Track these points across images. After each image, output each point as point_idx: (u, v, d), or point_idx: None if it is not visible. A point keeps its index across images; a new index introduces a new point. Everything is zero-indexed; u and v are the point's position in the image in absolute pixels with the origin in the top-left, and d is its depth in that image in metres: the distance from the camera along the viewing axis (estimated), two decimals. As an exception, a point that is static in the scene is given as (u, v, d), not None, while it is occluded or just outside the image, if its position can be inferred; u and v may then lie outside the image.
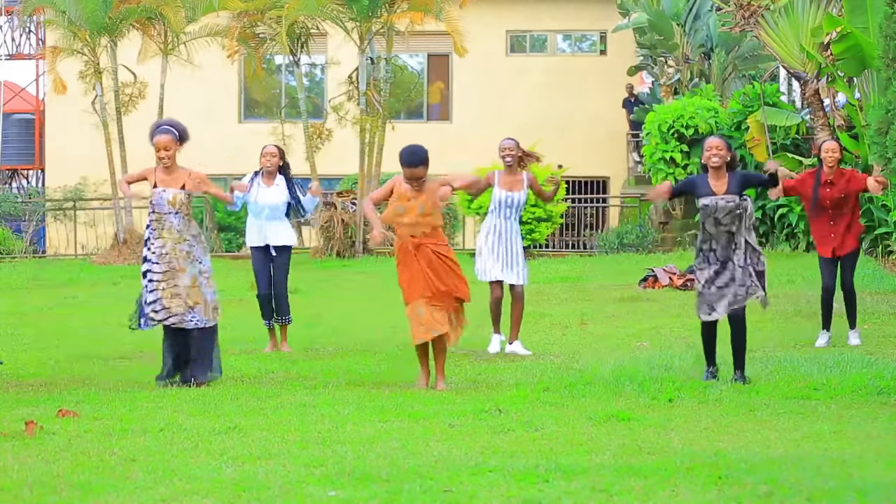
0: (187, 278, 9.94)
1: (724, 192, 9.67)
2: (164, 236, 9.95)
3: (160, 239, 9.95)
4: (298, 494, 6.11)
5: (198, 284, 9.97)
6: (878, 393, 9.34)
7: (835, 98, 23.35)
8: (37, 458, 7.04)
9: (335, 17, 26.15)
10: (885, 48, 17.27)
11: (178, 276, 9.92)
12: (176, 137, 10.13)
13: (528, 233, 24.81)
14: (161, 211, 9.97)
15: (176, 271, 9.92)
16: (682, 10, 28.81)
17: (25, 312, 16.43)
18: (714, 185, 9.71)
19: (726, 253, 9.69)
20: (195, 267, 9.98)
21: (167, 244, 9.94)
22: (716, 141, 9.82)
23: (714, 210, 9.65)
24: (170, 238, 9.94)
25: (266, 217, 12.27)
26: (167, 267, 9.92)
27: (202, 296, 9.98)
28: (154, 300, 9.93)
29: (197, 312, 9.95)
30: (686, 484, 6.27)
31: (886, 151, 17.02)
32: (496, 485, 6.29)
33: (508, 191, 11.86)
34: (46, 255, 30.21)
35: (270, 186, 12.29)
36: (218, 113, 33.88)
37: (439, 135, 32.86)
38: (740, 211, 9.65)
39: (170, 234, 9.94)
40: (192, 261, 9.98)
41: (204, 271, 10.05)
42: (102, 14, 26.24)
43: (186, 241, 9.97)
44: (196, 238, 10.06)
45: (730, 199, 9.64)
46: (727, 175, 9.74)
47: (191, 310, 9.94)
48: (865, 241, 21.08)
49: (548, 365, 10.91)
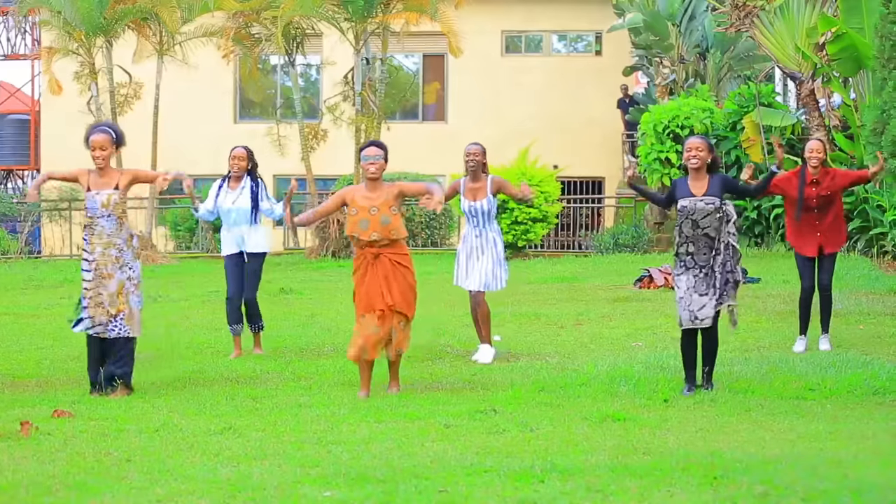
0: (114, 284, 9.70)
1: (704, 193, 9.39)
2: (94, 241, 9.74)
3: (91, 244, 9.75)
4: (294, 495, 6.12)
5: (124, 291, 9.73)
6: (873, 393, 9.35)
7: (830, 98, 23.38)
8: (32, 458, 7.04)
9: (330, 17, 26.14)
10: (881, 48, 17.30)
11: (105, 282, 9.69)
12: (113, 139, 9.92)
13: (524, 233, 24.83)
14: (94, 215, 9.76)
15: (103, 278, 9.69)
16: (678, 11, 28.81)
17: (21, 313, 16.41)
18: (693, 187, 9.45)
19: (706, 258, 9.42)
20: (124, 273, 9.74)
21: (97, 249, 9.72)
22: (695, 141, 9.53)
23: (692, 212, 9.38)
24: (99, 243, 9.72)
25: (234, 222, 11.96)
26: (95, 274, 9.70)
27: (127, 304, 9.75)
28: (85, 307, 9.75)
29: (119, 321, 9.71)
30: (682, 484, 6.27)
31: (882, 151, 17.05)
32: (491, 485, 6.30)
33: (472, 200, 11.55)
34: (42, 255, 30.18)
35: (235, 190, 12.00)
36: (213, 113, 33.89)
37: (435, 135, 32.92)
38: (720, 214, 9.39)
39: (99, 239, 9.72)
40: (121, 266, 9.73)
41: (133, 278, 9.80)
42: (98, 14, 26.22)
43: (115, 245, 9.73)
44: (126, 242, 9.79)
45: (709, 202, 9.37)
46: (708, 177, 9.46)
47: (113, 319, 9.70)
48: (861, 241, 21.11)
49: (543, 365, 10.91)
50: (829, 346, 11.73)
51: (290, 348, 12.52)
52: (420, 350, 12.02)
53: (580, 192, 32.04)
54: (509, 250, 23.93)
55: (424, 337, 13.04)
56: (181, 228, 31.21)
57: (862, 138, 19.54)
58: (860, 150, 20.87)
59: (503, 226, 24.47)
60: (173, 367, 11.18)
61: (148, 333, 10.52)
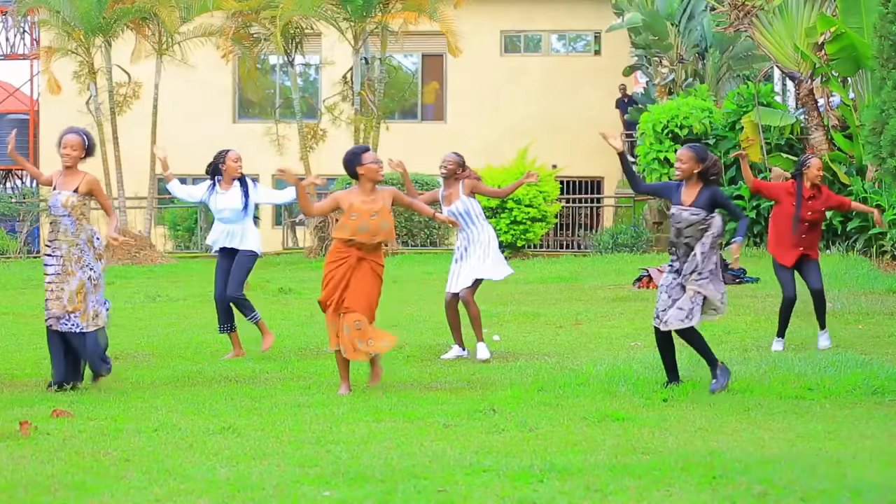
0: (75, 282, 9.92)
1: (691, 203, 9.33)
2: (60, 238, 9.97)
3: (56, 241, 9.97)
4: (293, 494, 6.12)
5: (84, 290, 9.94)
6: (872, 393, 9.34)
7: (829, 98, 23.39)
8: (31, 458, 7.04)
9: (329, 17, 26.14)
10: (880, 48, 17.29)
11: (68, 279, 9.92)
12: (84, 143, 10.09)
13: (523, 233, 24.84)
14: (56, 213, 10.00)
15: (67, 274, 9.92)
16: (677, 11, 28.83)
17: (20, 313, 16.41)
18: (684, 195, 9.40)
19: (685, 266, 9.37)
20: (85, 273, 9.96)
21: (62, 246, 9.95)
22: (680, 152, 9.45)
23: (677, 220, 9.37)
24: (65, 240, 9.96)
25: (227, 220, 12.14)
26: (60, 269, 9.92)
27: (85, 303, 9.94)
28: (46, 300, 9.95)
29: (73, 318, 9.92)
30: (681, 484, 6.27)
31: (881, 151, 17.05)
32: (490, 485, 6.30)
33: (447, 205, 11.77)
34: (41, 255, 30.18)
35: (228, 190, 12.17)
36: (212, 113, 33.90)
37: (433, 135, 32.90)
38: (704, 227, 9.31)
39: (65, 237, 9.96)
40: (83, 266, 9.96)
41: (93, 278, 10.00)
42: (97, 14, 26.22)
43: (77, 245, 9.95)
44: (86, 243, 9.99)
45: (694, 213, 9.30)
46: (699, 187, 9.38)
47: (68, 314, 9.91)
48: (860, 241, 21.14)
49: (542, 365, 10.90)
50: (829, 342, 11.87)
51: (290, 348, 12.52)
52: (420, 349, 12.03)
53: (579, 192, 32.05)
54: (508, 250, 23.94)
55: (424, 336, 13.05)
56: (180, 228, 31.23)
57: (861, 138, 19.54)
58: (859, 149, 20.89)
59: (503, 225, 24.47)
60: (172, 367, 11.18)
61: (145, 334, 10.51)
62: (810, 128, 22.40)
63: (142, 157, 27.08)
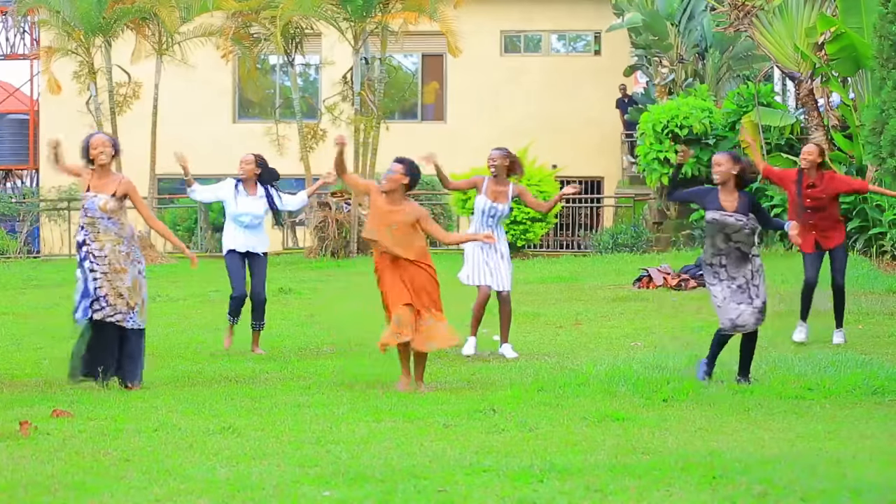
0: (129, 279, 10.01)
1: (734, 209, 9.48)
2: (101, 239, 9.99)
3: (97, 242, 9.99)
4: (293, 494, 6.12)
5: (139, 286, 10.06)
6: (872, 393, 9.35)
7: (829, 98, 23.38)
8: (31, 458, 7.04)
9: (329, 17, 26.13)
10: (880, 48, 17.29)
11: (121, 276, 9.98)
12: (112, 144, 10.17)
13: (523, 233, 24.83)
14: (94, 215, 10.02)
15: (118, 272, 9.97)
16: (677, 11, 28.81)
17: (20, 313, 16.42)
18: (724, 201, 9.52)
19: (740, 271, 9.53)
20: (135, 267, 10.07)
21: (106, 246, 9.98)
22: (717, 157, 9.63)
23: (724, 226, 9.48)
24: (108, 240, 9.99)
25: (246, 225, 12.26)
26: (108, 268, 9.96)
27: (141, 297, 10.08)
28: (99, 297, 9.95)
29: (135, 314, 10.04)
30: (681, 484, 6.27)
31: (881, 151, 17.05)
32: (490, 485, 6.30)
33: (493, 201, 11.70)
34: (41, 255, 30.18)
35: (253, 196, 12.28)
36: (212, 113, 33.89)
37: (434, 135, 32.85)
38: (748, 231, 9.49)
39: (107, 237, 10.00)
40: (132, 261, 10.06)
41: (142, 271, 10.16)
42: (97, 14, 26.21)
43: (123, 241, 10.03)
44: (131, 239, 10.11)
45: (739, 219, 9.46)
46: (738, 193, 9.54)
47: (131, 310, 10.01)
48: (860, 241, 21.12)
49: (542, 365, 10.91)
50: (843, 340, 12.16)
51: (290, 348, 12.53)
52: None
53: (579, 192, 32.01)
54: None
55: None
56: (180, 228, 31.21)
57: (861, 138, 19.53)
58: (859, 149, 20.87)
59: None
60: (172, 367, 11.18)
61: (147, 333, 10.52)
62: (810, 128, 22.38)
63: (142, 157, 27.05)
